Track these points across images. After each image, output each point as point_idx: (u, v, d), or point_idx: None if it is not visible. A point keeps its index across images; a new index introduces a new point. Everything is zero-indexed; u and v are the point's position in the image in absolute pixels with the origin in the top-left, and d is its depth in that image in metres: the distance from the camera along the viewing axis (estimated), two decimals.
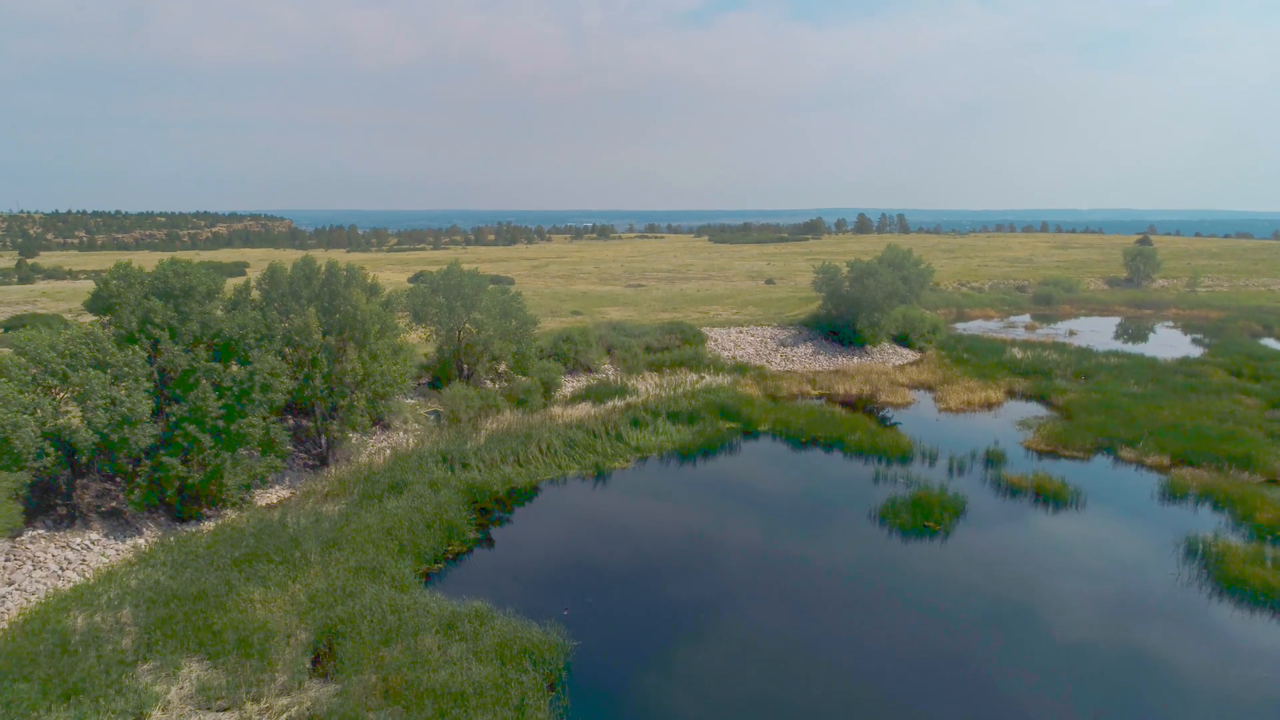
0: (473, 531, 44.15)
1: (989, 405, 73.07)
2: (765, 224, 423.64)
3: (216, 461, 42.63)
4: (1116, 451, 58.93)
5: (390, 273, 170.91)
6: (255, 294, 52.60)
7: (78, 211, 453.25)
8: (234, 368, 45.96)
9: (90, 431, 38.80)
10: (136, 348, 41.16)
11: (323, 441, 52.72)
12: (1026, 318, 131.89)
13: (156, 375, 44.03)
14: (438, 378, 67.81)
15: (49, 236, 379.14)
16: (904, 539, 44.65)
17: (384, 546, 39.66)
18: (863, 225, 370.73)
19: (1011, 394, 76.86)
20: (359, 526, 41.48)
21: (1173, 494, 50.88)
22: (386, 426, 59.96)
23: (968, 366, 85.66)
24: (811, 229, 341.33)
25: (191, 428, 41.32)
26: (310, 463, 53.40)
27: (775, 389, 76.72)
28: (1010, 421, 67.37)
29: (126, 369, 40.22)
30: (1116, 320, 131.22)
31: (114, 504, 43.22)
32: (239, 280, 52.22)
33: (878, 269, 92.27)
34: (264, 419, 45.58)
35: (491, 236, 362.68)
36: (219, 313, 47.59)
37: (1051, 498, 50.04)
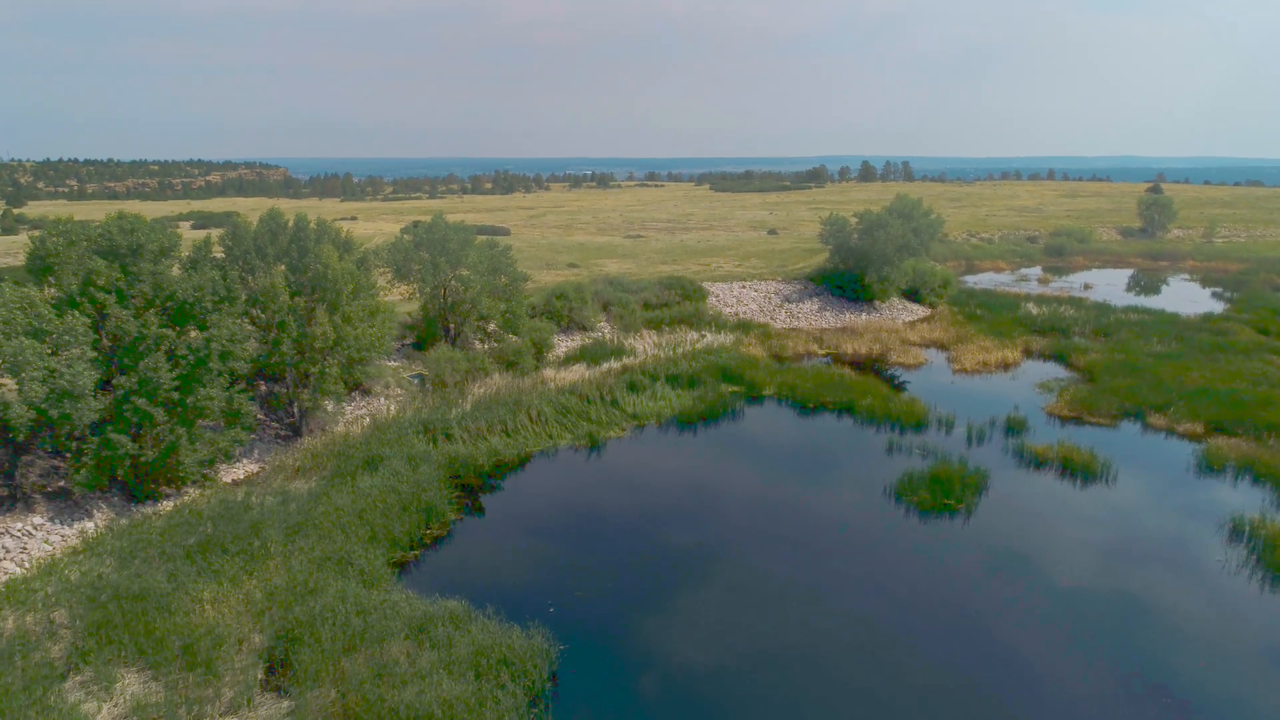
0: (454, 513, 40.52)
1: (1005, 366, 69.25)
2: (767, 172, 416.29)
3: (171, 438, 38.90)
4: (1145, 418, 55.24)
5: (383, 222, 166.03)
6: (218, 251, 48.44)
7: (69, 160, 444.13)
8: (193, 334, 42.00)
9: (26, 406, 34.98)
10: (77, 313, 37.15)
11: (295, 410, 48.99)
12: (1038, 270, 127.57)
13: (107, 343, 40.15)
14: (422, 338, 63.85)
15: (39, 186, 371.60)
16: (922, 519, 41.09)
17: (354, 533, 36.06)
18: (867, 173, 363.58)
19: (1029, 353, 72.96)
20: (328, 509, 37.83)
21: (1209, 466, 47.25)
22: (366, 392, 56.19)
23: (981, 324, 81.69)
24: (815, 177, 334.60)
25: (141, 401, 37.47)
26: (283, 433, 49.70)
27: (780, 349, 72.81)
28: (1029, 384, 63.59)
29: (67, 337, 36.28)
30: (1132, 273, 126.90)
31: (62, 484, 39.61)
32: (199, 235, 47.87)
33: (888, 220, 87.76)
34: (226, 389, 41.78)
35: (489, 185, 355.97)
36: (176, 272, 43.54)
37: (1080, 470, 46.41)
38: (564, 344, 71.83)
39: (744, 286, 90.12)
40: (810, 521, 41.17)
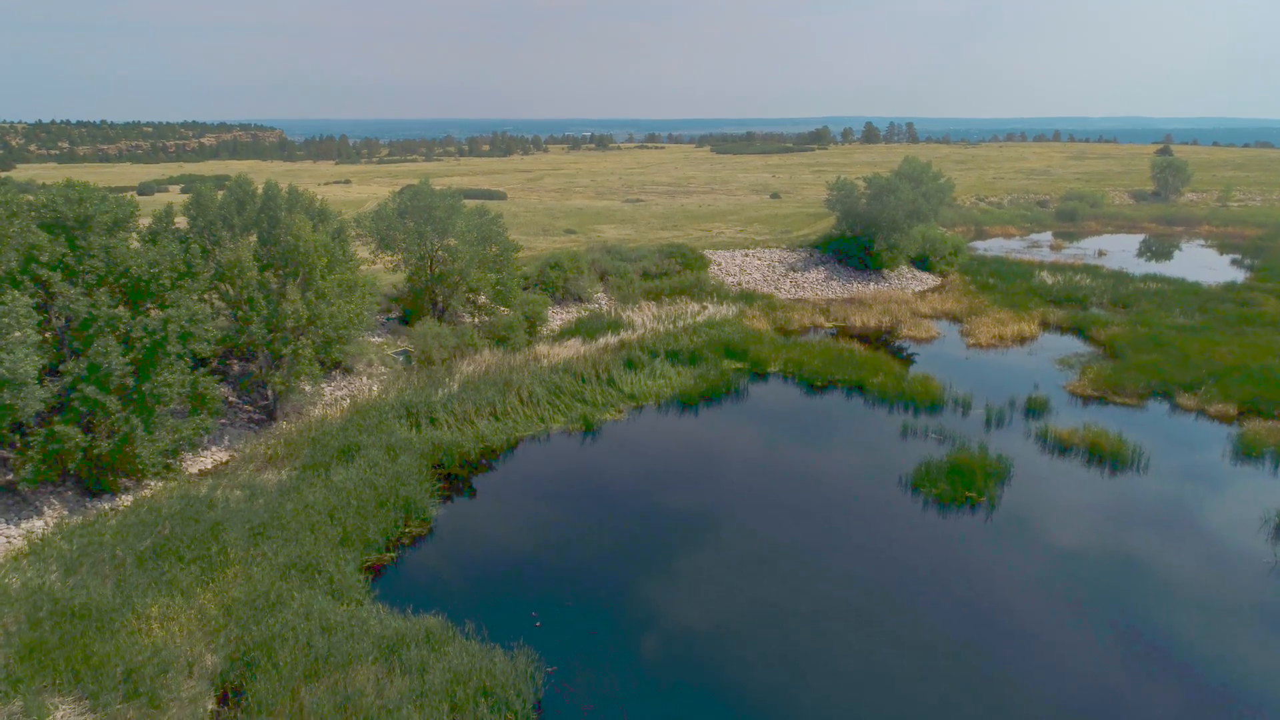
0: (435, 508, 37.34)
1: (1022, 339, 65.90)
2: (769, 134, 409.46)
3: (126, 428, 35.69)
4: (1174, 398, 52.05)
5: (377, 185, 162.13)
6: (182, 222, 44.99)
7: (62, 121, 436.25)
8: (154, 313, 38.63)
9: None
10: (18, 293, 33.79)
11: (269, 393, 45.76)
12: (1049, 235, 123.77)
13: (58, 324, 36.90)
14: (409, 312, 60.49)
15: (31, 148, 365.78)
16: (941, 513, 38.01)
17: (324, 534, 32.94)
18: (870, 135, 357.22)
19: (1045, 325, 69.60)
20: (297, 506, 34.75)
21: (1246, 452, 44.15)
22: (348, 371, 52.94)
23: (995, 294, 78.16)
24: (817, 139, 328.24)
25: (91, 389, 34.24)
26: (257, 416, 46.52)
27: (785, 321, 69.44)
28: (1049, 360, 60.32)
29: (7, 320, 32.95)
30: (1146, 238, 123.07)
31: (11, 477, 36.51)
32: (163, 202, 44.25)
33: (898, 185, 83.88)
34: (189, 373, 38.54)
35: (486, 147, 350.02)
36: (135, 245, 40.13)
37: (1109, 457, 43.29)
38: (559, 316, 68.52)
39: (747, 255, 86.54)
40: (822, 517, 38.07)
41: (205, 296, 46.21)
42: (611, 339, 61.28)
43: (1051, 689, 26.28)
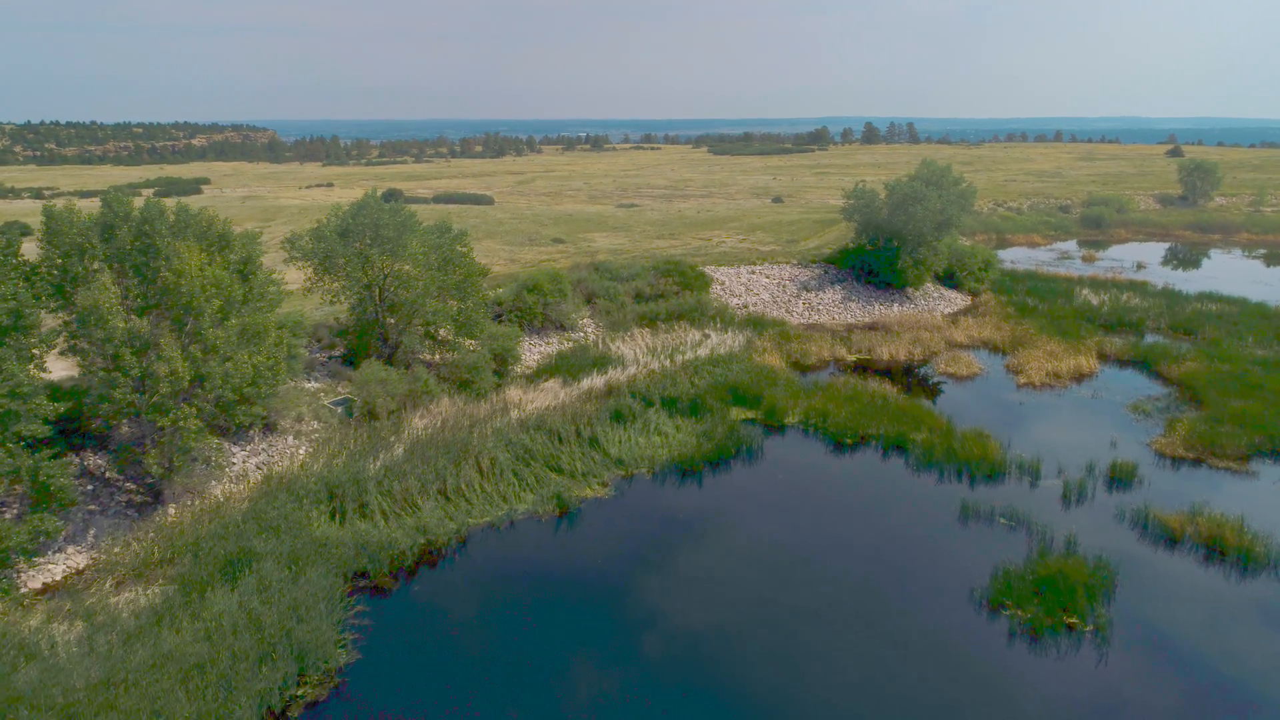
0: (346, 652, 27.20)
1: (1080, 376, 55.91)
2: (767, 134, 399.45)
3: None
4: None
5: (361, 189, 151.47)
6: (37, 250, 34.97)
7: (51, 122, 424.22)
8: None
9: None
10: None
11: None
12: (1074, 244, 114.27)
13: None
14: (354, 350, 50.43)
15: (17, 150, 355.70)
16: (1034, 650, 28.10)
17: (172, 714, 22.94)
18: (870, 135, 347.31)
19: (1103, 357, 59.62)
20: (146, 659, 24.77)
21: None
22: (271, 428, 42.95)
23: (1037, 318, 68.07)
24: (817, 139, 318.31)
25: None
26: (139, 498, 36.47)
27: (801, 354, 59.43)
28: (1119, 405, 50.43)
29: None
30: (1181, 247, 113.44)
31: None
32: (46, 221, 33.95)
33: (924, 192, 73.84)
34: (22, 458, 28.60)
35: (479, 148, 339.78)
36: None
37: (1234, 553, 33.42)
38: (536, 349, 58.53)
39: (754, 271, 76.42)
40: (883, 669, 28.17)
41: (79, 344, 36.19)
42: (597, 380, 51.35)
43: None
